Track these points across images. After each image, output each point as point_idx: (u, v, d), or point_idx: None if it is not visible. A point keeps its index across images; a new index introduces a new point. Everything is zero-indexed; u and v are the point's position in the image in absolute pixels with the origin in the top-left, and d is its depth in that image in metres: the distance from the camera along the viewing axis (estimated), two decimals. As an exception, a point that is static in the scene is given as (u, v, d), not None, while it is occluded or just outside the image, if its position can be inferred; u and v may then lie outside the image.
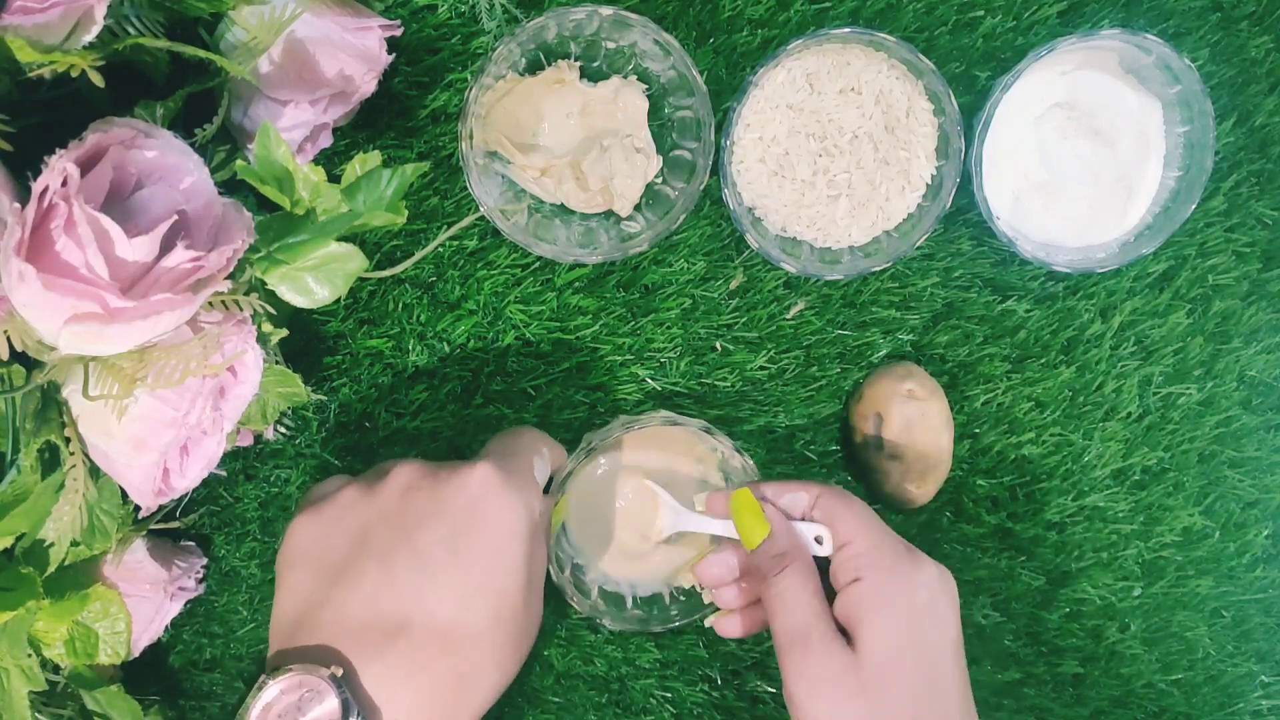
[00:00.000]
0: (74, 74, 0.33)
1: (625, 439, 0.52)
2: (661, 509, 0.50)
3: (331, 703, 0.35)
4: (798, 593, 0.42)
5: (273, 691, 0.36)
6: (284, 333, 0.43)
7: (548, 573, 0.49)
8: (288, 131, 0.44)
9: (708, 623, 0.49)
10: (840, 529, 0.43)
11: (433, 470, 0.41)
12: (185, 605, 0.51)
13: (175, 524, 0.52)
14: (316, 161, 0.49)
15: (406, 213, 0.40)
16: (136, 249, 0.33)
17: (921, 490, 0.54)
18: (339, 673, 0.36)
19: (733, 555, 0.48)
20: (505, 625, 0.39)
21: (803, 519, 0.45)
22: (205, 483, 0.42)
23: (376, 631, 0.37)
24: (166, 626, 0.50)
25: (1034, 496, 0.57)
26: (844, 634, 0.41)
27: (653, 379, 0.55)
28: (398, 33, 0.47)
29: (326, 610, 0.38)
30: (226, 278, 0.36)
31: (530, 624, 0.41)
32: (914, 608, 0.41)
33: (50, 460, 0.39)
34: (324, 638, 0.37)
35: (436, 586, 0.38)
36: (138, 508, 0.42)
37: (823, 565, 0.44)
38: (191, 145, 0.37)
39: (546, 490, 0.47)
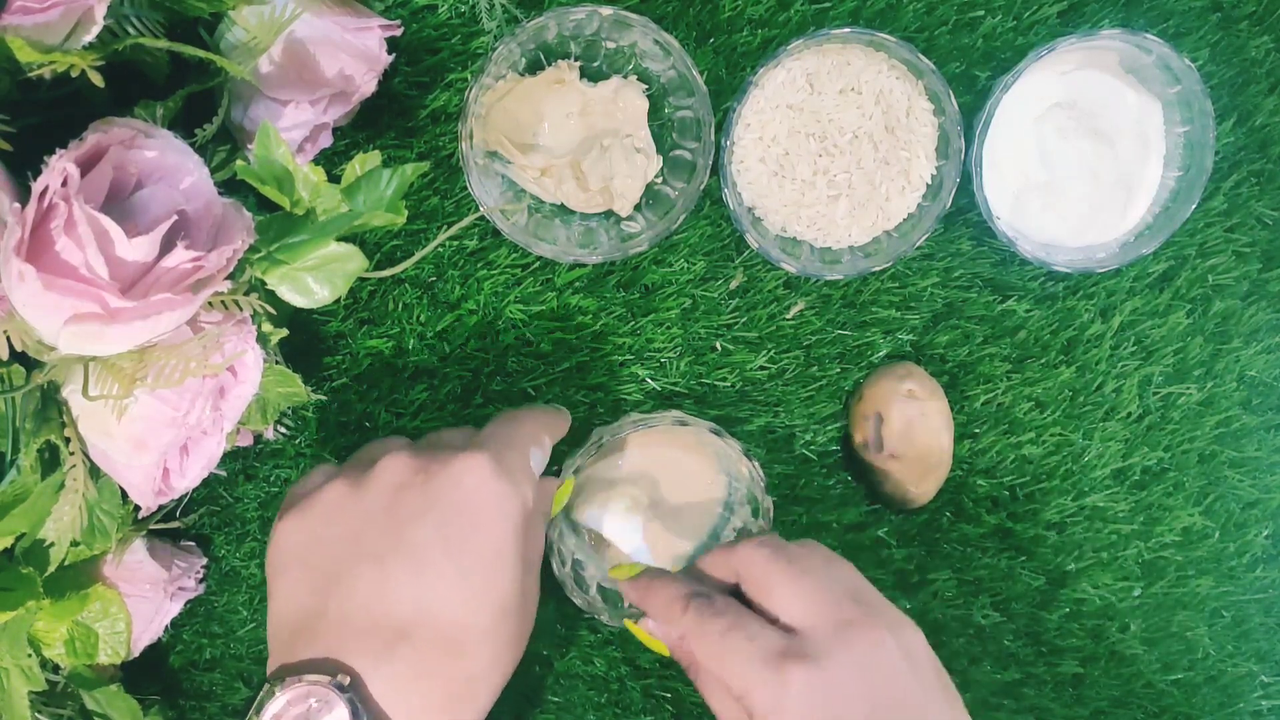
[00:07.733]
0: (74, 74, 0.33)
1: (636, 437, 0.51)
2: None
3: (341, 713, 0.35)
4: (713, 689, 0.42)
5: (279, 703, 0.35)
6: (284, 333, 0.43)
7: (550, 565, 0.49)
8: (288, 131, 0.44)
9: None
10: (719, 678, 0.40)
11: (423, 464, 0.40)
12: (185, 605, 0.51)
13: (175, 524, 0.52)
14: (316, 161, 0.49)
15: (406, 213, 0.40)
16: (136, 249, 0.33)
17: (921, 490, 0.54)
18: (346, 681, 0.35)
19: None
20: (506, 623, 0.39)
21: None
22: (205, 483, 0.42)
23: (379, 637, 0.37)
24: (166, 626, 0.50)
25: (1034, 496, 0.57)
26: None
27: (653, 379, 0.54)
28: (398, 33, 0.47)
29: (325, 617, 0.37)
30: (226, 278, 0.36)
31: (528, 618, 0.41)
32: None
33: (50, 460, 0.39)
34: (326, 645, 0.37)
35: (435, 588, 0.37)
36: (138, 508, 0.42)
37: None
38: (191, 145, 0.37)
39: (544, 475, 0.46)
